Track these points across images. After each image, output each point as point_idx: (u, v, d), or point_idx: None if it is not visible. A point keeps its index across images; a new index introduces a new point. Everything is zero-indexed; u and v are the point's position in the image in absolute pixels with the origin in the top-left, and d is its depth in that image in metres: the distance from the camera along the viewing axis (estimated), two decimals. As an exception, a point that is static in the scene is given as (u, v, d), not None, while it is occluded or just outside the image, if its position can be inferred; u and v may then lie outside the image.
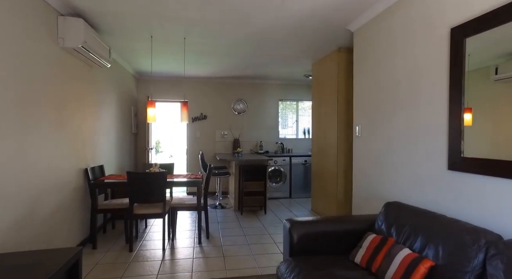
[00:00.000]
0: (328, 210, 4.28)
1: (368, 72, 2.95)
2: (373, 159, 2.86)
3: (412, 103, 2.31)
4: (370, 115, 2.92)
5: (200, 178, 3.56)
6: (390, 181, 2.57)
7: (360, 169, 3.10)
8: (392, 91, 2.55)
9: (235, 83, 6.42)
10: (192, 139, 6.26)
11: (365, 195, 3.01)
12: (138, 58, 4.62)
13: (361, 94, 3.11)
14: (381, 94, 2.72)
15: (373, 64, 2.86)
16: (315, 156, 4.79)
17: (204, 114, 6.30)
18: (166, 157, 11.18)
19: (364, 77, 3.04)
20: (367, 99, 2.97)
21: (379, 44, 2.77)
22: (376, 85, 2.81)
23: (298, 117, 6.82)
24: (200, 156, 5.25)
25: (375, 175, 2.81)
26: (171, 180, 3.40)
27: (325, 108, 4.40)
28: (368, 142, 2.96)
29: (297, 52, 4.26)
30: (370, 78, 2.91)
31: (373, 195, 2.85)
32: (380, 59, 2.73)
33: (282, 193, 5.98)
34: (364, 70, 3.04)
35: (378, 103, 2.78)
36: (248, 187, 4.72)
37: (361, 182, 3.08)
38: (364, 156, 3.03)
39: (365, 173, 3.01)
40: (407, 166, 2.36)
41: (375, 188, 2.81)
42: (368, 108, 2.95)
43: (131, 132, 5.48)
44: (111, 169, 4.28)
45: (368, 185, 2.94)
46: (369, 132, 2.94)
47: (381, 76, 2.71)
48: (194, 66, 5.11)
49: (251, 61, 4.77)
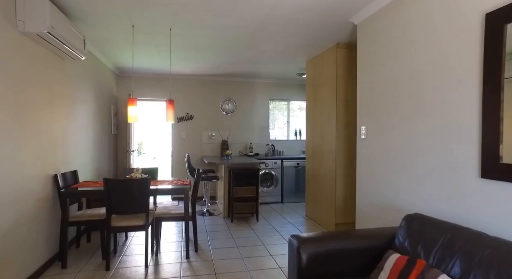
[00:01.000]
0: (326, 217, 4.00)
1: (376, 68, 2.68)
2: (382, 164, 2.59)
3: (435, 101, 2.04)
4: (378, 115, 2.65)
5: (188, 184, 3.20)
6: (406, 189, 2.30)
7: (366, 175, 2.83)
8: (409, 88, 2.29)
9: (223, 81, 6.07)
10: (177, 140, 5.86)
11: (372, 204, 2.74)
12: (118, 52, 4.19)
13: (366, 92, 2.84)
14: (395, 92, 2.45)
15: (383, 60, 2.59)
16: (310, 159, 4.52)
17: (191, 114, 5.92)
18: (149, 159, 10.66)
19: (370, 74, 2.77)
20: (375, 97, 2.70)
21: (390, 37, 2.50)
22: (387, 81, 2.54)
23: (289, 117, 6.55)
24: (186, 159, 4.88)
25: (386, 182, 2.54)
26: (155, 187, 3.02)
27: (322, 108, 4.13)
28: (376, 144, 2.69)
29: (292, 47, 3.97)
30: (378, 74, 2.65)
31: (383, 205, 2.58)
32: (392, 54, 2.47)
33: (273, 197, 5.67)
34: (370, 66, 2.77)
35: (390, 102, 2.51)
36: (239, 193, 4.38)
37: (367, 189, 2.81)
38: (371, 160, 2.76)
39: (372, 179, 2.74)
40: (429, 172, 2.09)
41: (386, 196, 2.54)
42: (376, 107, 2.69)
43: (111, 133, 5.03)
44: (87, 174, 3.84)
45: (376, 193, 2.67)
46: (377, 134, 2.67)
47: (395, 72, 2.44)
48: (180, 62, 4.73)
49: (242, 57, 4.45)
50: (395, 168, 2.42)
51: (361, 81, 2.93)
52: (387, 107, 2.52)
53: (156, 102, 6.00)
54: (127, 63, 4.82)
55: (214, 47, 3.94)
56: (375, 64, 2.70)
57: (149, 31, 3.34)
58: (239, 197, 4.38)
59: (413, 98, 2.23)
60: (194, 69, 5.26)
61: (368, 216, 2.81)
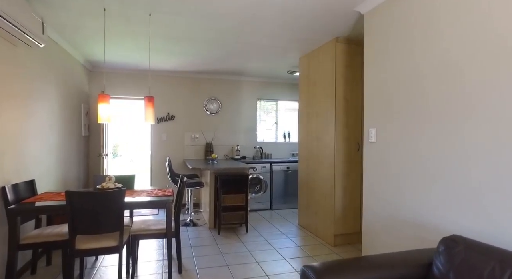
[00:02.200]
0: (323, 227, 3.66)
1: (390, 63, 2.35)
2: (401, 172, 2.26)
3: (487, 100, 1.73)
4: (394, 116, 2.32)
5: (170, 195, 2.75)
6: (434, 204, 1.97)
7: (375, 183, 2.50)
8: (441, 84, 1.96)
9: (208, 79, 5.63)
10: (157, 142, 5.35)
11: (383, 217, 2.41)
12: (88, 42, 3.67)
13: (376, 90, 2.51)
14: (419, 89, 2.13)
15: (399, 53, 2.27)
16: (303, 163, 4.17)
17: (172, 114, 5.43)
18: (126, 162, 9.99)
19: (381, 69, 2.44)
20: (388, 96, 2.38)
21: (408, 26, 2.18)
22: (406, 78, 2.22)
23: (278, 118, 6.19)
24: (167, 163, 4.40)
25: (404, 193, 2.21)
26: (131, 199, 2.55)
27: (318, 108, 3.79)
28: (390, 149, 2.36)
29: (284, 41, 3.60)
30: (393, 70, 2.32)
31: (399, 220, 2.25)
32: (412, 46, 2.14)
33: (262, 204, 5.28)
34: (381, 60, 2.44)
35: (412, 101, 2.19)
36: (227, 201, 3.96)
37: (376, 200, 2.48)
38: (382, 167, 2.43)
39: (383, 189, 2.41)
40: (463, 183, 1.78)
41: (403, 210, 2.21)
42: (390, 107, 2.36)
43: (81, 135, 4.47)
44: (50, 184, 3.30)
45: (389, 206, 2.34)
46: (392, 137, 2.34)
47: (418, 66, 2.12)
48: (160, 56, 4.25)
49: (229, 51, 4.03)
50: (418, 178, 2.09)
51: (369, 78, 2.60)
52: (408, 107, 2.20)
53: (134, 101, 5.46)
54: (100, 56, 4.29)
55: (199, 39, 3.51)
56: (388, 58, 2.37)
57: (124, 16, 2.86)
58: (227, 206, 3.96)
59: (449, 96, 1.91)
60: (175, 64, 4.79)
61: (377, 231, 2.48)
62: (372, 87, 2.56)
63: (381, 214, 2.44)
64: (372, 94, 2.56)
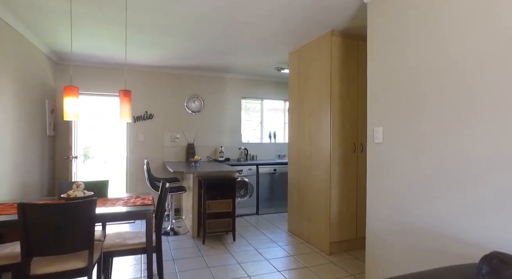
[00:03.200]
0: (317, 234, 3.41)
1: (399, 56, 2.13)
2: (411, 175, 2.03)
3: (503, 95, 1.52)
4: (405, 114, 2.10)
5: (150, 203, 2.39)
6: (457, 212, 1.74)
7: (381, 187, 2.27)
8: (476, 78, 1.75)
9: (189, 75, 5.25)
10: (134, 143, 4.90)
11: (391, 225, 2.18)
12: (51, 28, 3.20)
13: (382, 86, 2.28)
14: (438, 84, 1.91)
15: (410, 45, 2.04)
16: (294, 165, 3.91)
17: (150, 112, 5.00)
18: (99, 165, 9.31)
19: (389, 63, 2.22)
20: (397, 92, 2.15)
21: (422, 15, 1.96)
22: (420, 72, 1.99)
23: (263, 118, 5.91)
24: (145, 166, 3.99)
25: (417, 199, 1.98)
26: (104, 210, 2.17)
27: (311, 106, 3.54)
28: (400, 151, 2.13)
29: (274, 34, 3.32)
30: (403, 63, 2.09)
31: (411, 227, 2.02)
32: (426, 37, 1.92)
33: (248, 209, 4.97)
34: (389, 53, 2.21)
35: (430, 98, 1.96)
36: (212, 208, 3.62)
37: (383, 206, 2.25)
38: (390, 171, 2.20)
39: (392, 194, 2.18)
40: (498, 191, 1.56)
41: (417, 217, 1.98)
42: (399, 104, 2.13)
43: (45, 135, 3.96)
44: (3, 192, 2.82)
45: (400, 213, 2.10)
46: (404, 138, 2.12)
47: (435, 59, 1.90)
48: (137, 48, 3.84)
49: (212, 45, 3.70)
50: (440, 182, 1.86)
51: (374, 72, 2.37)
52: (426, 102, 1.97)
53: (108, 98, 4.98)
54: (68, 45, 3.81)
55: (180, 28, 3.15)
56: (398, 50, 2.15)
57: (96, -3, 2.47)
58: (213, 213, 3.62)
59: (480, 89, 1.70)
60: (154, 58, 4.38)
61: (385, 239, 2.24)
62: (377, 82, 2.33)
63: (389, 221, 2.21)
64: (378, 90, 2.33)
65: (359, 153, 3.36)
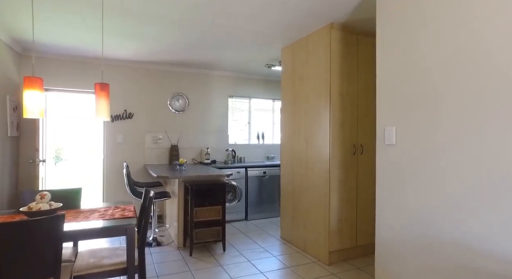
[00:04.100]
0: (314, 243, 3.16)
1: (421, 44, 1.91)
2: (432, 182, 1.81)
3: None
4: (423, 110, 1.88)
5: (132, 215, 2.05)
6: (493, 225, 1.53)
7: (395, 195, 2.04)
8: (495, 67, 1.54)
9: (173, 72, 4.89)
10: (112, 145, 4.48)
11: (408, 237, 1.96)
12: (12, 13, 2.78)
13: (396, 81, 2.06)
14: (463, 75, 1.70)
15: (431, 33, 1.83)
16: (287, 168, 3.65)
17: (130, 111, 4.60)
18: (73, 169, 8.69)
19: (405, 53, 2.00)
20: (416, 88, 1.93)
21: None
22: (446, 64, 1.78)
23: (251, 118, 5.63)
24: (125, 170, 3.60)
25: (439, 211, 1.76)
26: (75, 226, 1.81)
27: (307, 106, 3.30)
28: (416, 153, 1.91)
29: (269, 27, 3.06)
30: (425, 54, 1.88)
31: (432, 245, 1.80)
32: (457, 22, 1.71)
33: (236, 214, 4.67)
34: (406, 41, 2.00)
35: (462, 94, 1.75)
36: (200, 215, 3.30)
37: (396, 215, 2.02)
38: (406, 176, 1.98)
39: (407, 202, 1.96)
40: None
41: (439, 232, 1.76)
42: (419, 101, 1.91)
43: (6, 135, 3.49)
44: (-45, 202, 2.38)
45: (416, 226, 1.88)
46: (420, 138, 1.90)
47: (465, 44, 1.68)
48: (115, 39, 3.46)
49: (200, 37, 3.38)
50: (468, 192, 1.65)
51: (385, 65, 2.15)
52: (449, 100, 1.76)
53: (83, 95, 4.53)
54: (34, 33, 3.37)
55: (165, 17, 2.82)
56: (413, 39, 1.93)
57: (66, -26, 2.10)
58: (201, 221, 3.30)
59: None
60: (135, 52, 4.00)
61: (398, 252, 2.02)
62: (389, 75, 2.11)
63: (403, 233, 1.99)
64: (390, 85, 2.11)
65: (359, 155, 3.15)
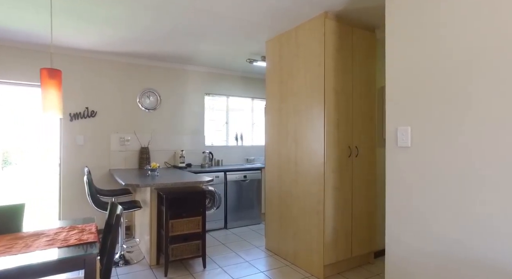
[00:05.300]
0: (305, 255, 2.85)
1: (439, 34, 1.66)
2: (459, 191, 1.55)
3: None
4: (445, 106, 1.62)
5: (94, 238, 1.60)
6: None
7: (407, 208, 1.77)
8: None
9: (144, 65, 4.38)
10: (70, 147, 3.89)
11: (427, 256, 1.69)
12: None
13: (410, 74, 1.80)
14: (496, 63, 1.45)
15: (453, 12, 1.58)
16: (273, 172, 3.32)
17: (92, 109, 4.03)
18: (23, 173, 7.73)
19: (422, 44, 1.74)
20: (436, 77, 1.67)
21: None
22: (476, 48, 1.53)
23: (229, 117, 5.24)
24: (86, 177, 3.07)
25: (468, 226, 1.51)
26: (7, 265, 1.33)
27: (297, 104, 2.99)
28: (437, 157, 1.65)
29: (254, 13, 2.71)
30: (448, 42, 1.62)
31: (458, 263, 1.54)
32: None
33: (215, 223, 4.27)
34: (422, 27, 1.73)
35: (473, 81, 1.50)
36: (177, 229, 2.86)
37: (408, 231, 1.76)
38: (426, 184, 1.71)
39: (427, 215, 1.69)
40: None
41: (466, 250, 1.51)
42: (440, 98, 1.65)
43: None
44: None
45: (440, 240, 1.62)
46: (441, 138, 1.64)
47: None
48: (72, 22, 2.93)
49: (176, 24, 2.96)
50: (506, 204, 1.40)
51: (397, 57, 1.88)
52: (478, 94, 1.51)
53: (33, 88, 3.90)
54: (-30, 14, 2.76)
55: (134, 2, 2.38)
56: (438, 26, 1.67)
57: None
58: (178, 235, 2.86)
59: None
60: (99, 40, 3.47)
61: (413, 273, 1.75)
62: (402, 69, 1.85)
63: (423, 252, 1.72)
64: (403, 79, 1.84)
65: (354, 158, 2.89)
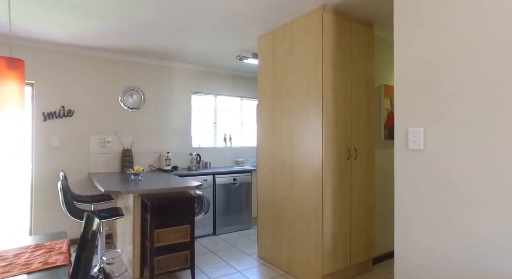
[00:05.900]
0: (301, 264, 2.67)
1: (460, 25, 1.51)
2: (480, 197, 1.40)
3: None
4: (463, 106, 1.47)
5: (63, 261, 1.35)
6: None
7: (421, 216, 1.62)
8: None
9: (126, 62, 4.09)
10: (43, 150, 3.56)
11: (441, 266, 1.54)
12: None
13: (423, 70, 1.65)
14: None
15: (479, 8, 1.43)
16: (265, 174, 3.13)
17: (69, 108, 3.72)
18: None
19: (436, 31, 1.58)
20: (454, 79, 1.52)
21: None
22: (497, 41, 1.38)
23: (217, 117, 5.01)
24: (61, 182, 2.77)
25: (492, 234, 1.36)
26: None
27: (293, 103, 2.81)
28: (454, 161, 1.50)
29: (249, 5, 2.52)
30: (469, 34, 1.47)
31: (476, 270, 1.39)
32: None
33: (203, 229, 4.03)
34: (438, 18, 1.58)
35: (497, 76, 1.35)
36: (163, 239, 2.62)
37: (422, 241, 1.60)
38: (440, 191, 1.56)
39: (443, 226, 1.54)
40: None
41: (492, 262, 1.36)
42: (459, 96, 1.50)
43: None
44: None
45: (455, 253, 1.47)
46: (459, 141, 1.49)
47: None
48: (47, 12, 2.64)
49: (162, 17, 2.72)
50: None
51: (408, 53, 1.72)
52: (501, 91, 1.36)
53: None
54: None
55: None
56: (455, 17, 1.52)
57: None
58: (163, 246, 2.62)
59: None
60: (77, 33, 3.18)
61: (430, 286, 1.60)
62: (413, 66, 1.69)
63: (439, 262, 1.57)
64: (415, 76, 1.68)
65: (353, 160, 2.74)
